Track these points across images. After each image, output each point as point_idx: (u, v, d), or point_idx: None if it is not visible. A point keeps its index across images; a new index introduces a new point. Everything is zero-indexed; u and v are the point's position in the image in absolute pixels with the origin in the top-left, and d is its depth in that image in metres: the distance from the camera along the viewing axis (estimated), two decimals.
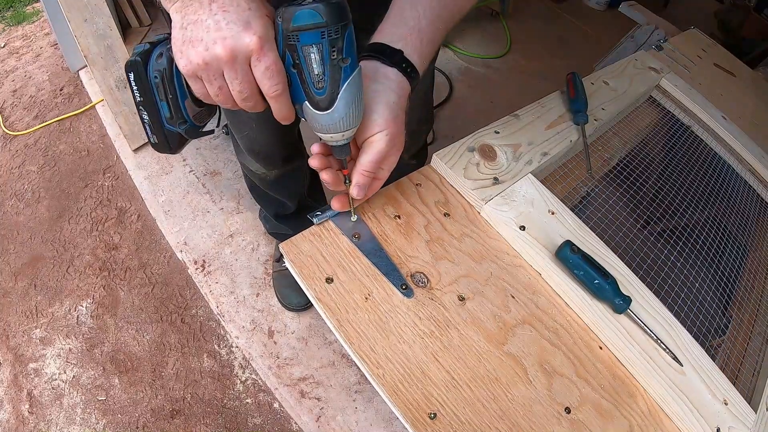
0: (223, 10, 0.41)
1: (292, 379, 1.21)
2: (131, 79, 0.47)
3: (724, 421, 0.53)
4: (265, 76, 0.43)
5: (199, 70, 0.43)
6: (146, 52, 0.47)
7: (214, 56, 0.42)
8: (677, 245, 0.75)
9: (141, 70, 0.47)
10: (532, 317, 0.55)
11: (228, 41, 0.41)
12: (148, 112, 0.49)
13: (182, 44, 0.43)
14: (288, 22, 0.40)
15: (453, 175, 0.63)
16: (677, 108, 0.99)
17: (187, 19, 0.42)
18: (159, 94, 0.48)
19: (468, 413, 0.45)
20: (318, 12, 0.39)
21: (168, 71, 0.47)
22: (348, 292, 0.50)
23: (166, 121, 0.50)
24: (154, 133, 0.50)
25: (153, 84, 0.47)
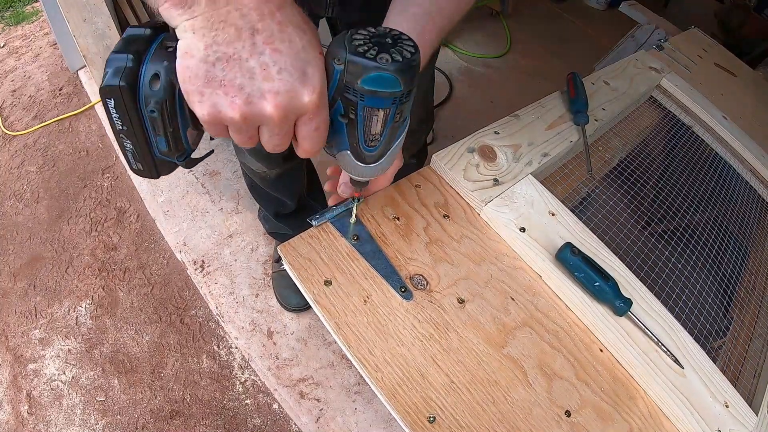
0: (273, 50, 0.31)
1: (291, 379, 1.21)
2: (111, 107, 0.34)
3: (725, 423, 0.53)
4: (314, 136, 0.36)
5: (230, 123, 0.33)
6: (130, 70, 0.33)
7: (258, 114, 0.32)
8: (678, 246, 0.75)
9: (127, 99, 0.34)
10: (532, 319, 0.54)
11: (281, 98, 0.32)
12: (134, 143, 0.37)
13: (205, 85, 0.31)
14: (355, 78, 0.33)
15: (452, 177, 0.63)
16: (678, 108, 0.99)
17: (216, 51, 0.31)
18: (155, 129, 0.36)
19: (467, 417, 0.45)
20: (398, 79, 0.33)
21: (170, 103, 0.35)
22: (347, 294, 0.50)
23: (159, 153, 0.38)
24: (138, 161, 0.39)
25: (146, 117, 0.35)
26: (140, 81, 0.34)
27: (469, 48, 2.30)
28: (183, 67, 0.31)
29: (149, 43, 0.34)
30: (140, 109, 0.35)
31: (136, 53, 0.33)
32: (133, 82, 0.33)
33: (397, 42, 0.35)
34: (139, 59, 0.33)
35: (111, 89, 0.33)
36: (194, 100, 0.32)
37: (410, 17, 0.50)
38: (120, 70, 0.33)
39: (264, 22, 0.31)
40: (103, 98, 0.34)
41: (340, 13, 0.74)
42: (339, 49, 0.34)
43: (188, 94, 0.32)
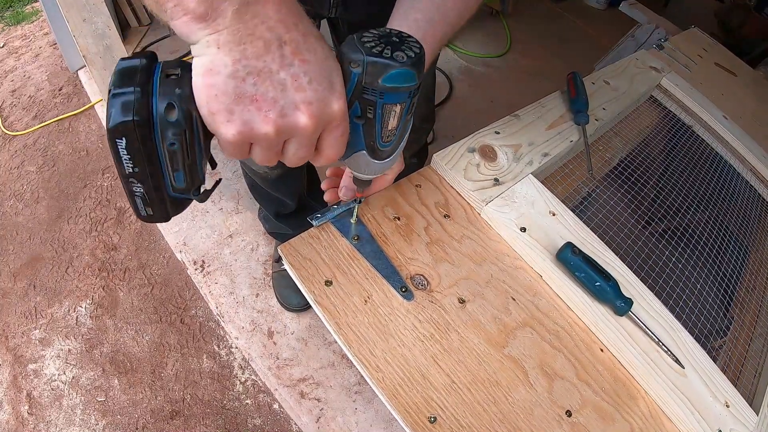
0: (302, 60, 0.31)
1: (291, 379, 1.21)
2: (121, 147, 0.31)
3: (726, 423, 0.53)
4: (337, 143, 0.36)
5: (262, 139, 0.32)
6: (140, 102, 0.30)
7: (292, 125, 0.32)
8: (678, 246, 0.74)
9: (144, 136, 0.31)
10: (532, 319, 0.54)
11: (315, 108, 0.32)
12: (146, 185, 0.34)
13: (234, 102, 0.30)
14: (375, 78, 0.34)
15: (453, 176, 0.63)
16: (678, 107, 0.99)
17: (246, 66, 0.29)
18: (173, 164, 0.33)
19: (468, 417, 0.45)
20: (414, 72, 0.34)
21: (189, 133, 0.32)
22: (347, 294, 0.50)
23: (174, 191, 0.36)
24: (149, 205, 0.35)
25: (164, 153, 0.32)
26: (153, 113, 0.31)
27: (470, 47, 2.29)
28: (207, 86, 0.30)
29: (149, 74, 0.31)
30: (156, 145, 0.32)
31: (140, 86, 0.30)
32: (147, 115, 0.31)
33: (403, 40, 0.36)
34: (145, 91, 0.31)
35: (123, 127, 0.30)
36: (221, 120, 0.31)
37: (412, 23, 0.50)
38: (129, 105, 0.30)
39: (290, 34, 0.31)
40: (112, 140, 0.31)
41: (343, 14, 0.74)
42: (353, 53, 0.34)
43: (214, 115, 0.31)
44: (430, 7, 0.51)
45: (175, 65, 0.32)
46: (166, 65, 0.32)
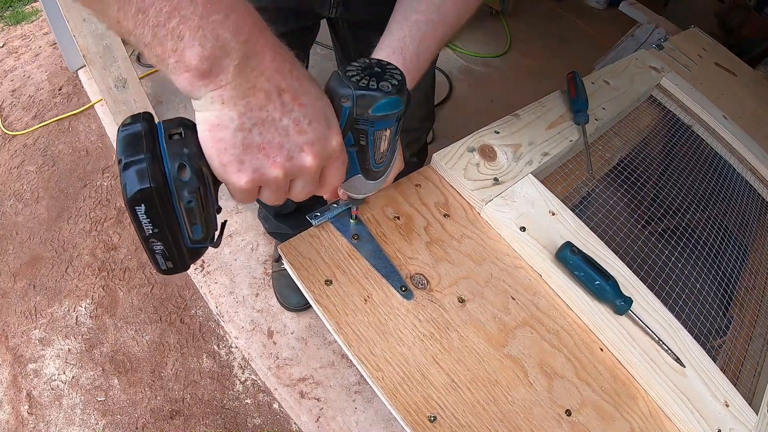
0: (300, 104, 0.32)
1: (291, 379, 1.21)
2: (141, 213, 0.32)
3: (725, 422, 0.53)
4: (338, 173, 0.38)
5: (272, 183, 0.34)
6: (153, 168, 0.31)
7: (299, 166, 0.34)
8: (678, 245, 0.75)
9: (160, 199, 0.32)
10: (532, 319, 0.54)
11: (317, 147, 0.34)
12: (165, 242, 0.35)
13: (244, 152, 0.31)
14: (365, 109, 0.37)
15: (453, 176, 0.63)
16: (678, 107, 0.99)
17: (251, 117, 0.31)
18: (191, 220, 0.35)
19: (468, 416, 0.45)
20: (401, 100, 0.37)
21: (203, 189, 0.33)
22: (347, 294, 0.50)
23: (192, 243, 0.37)
24: (168, 259, 0.37)
25: (182, 211, 0.34)
26: (167, 176, 0.32)
27: (469, 47, 2.29)
28: (216, 141, 0.31)
29: (154, 138, 0.32)
30: (174, 206, 0.33)
31: (150, 151, 0.31)
32: (161, 179, 0.31)
33: (384, 69, 0.38)
34: (155, 156, 0.31)
35: (141, 194, 0.31)
36: (232, 171, 0.32)
37: (412, 24, 0.51)
38: (143, 172, 0.31)
39: (287, 81, 0.32)
40: (132, 207, 0.32)
41: (344, 14, 0.74)
42: (342, 89, 0.36)
43: (226, 166, 0.32)
44: (430, 8, 0.51)
45: (176, 125, 0.33)
46: (167, 126, 0.33)
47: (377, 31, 0.52)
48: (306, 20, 0.75)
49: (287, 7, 0.70)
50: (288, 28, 0.72)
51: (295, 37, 0.75)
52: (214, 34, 0.28)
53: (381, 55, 0.51)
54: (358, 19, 0.77)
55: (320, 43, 1.98)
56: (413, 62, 0.51)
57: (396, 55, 0.50)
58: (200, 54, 0.28)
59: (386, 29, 0.52)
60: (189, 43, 0.28)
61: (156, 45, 0.28)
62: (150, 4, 0.27)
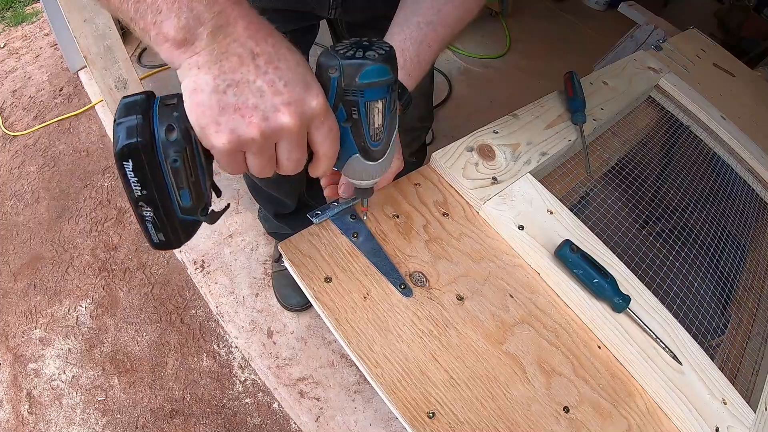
0: (275, 68, 0.33)
1: (291, 379, 1.21)
2: (129, 170, 0.34)
3: (723, 420, 0.53)
4: (329, 137, 0.38)
5: (251, 144, 0.34)
6: (142, 126, 0.33)
7: (277, 127, 0.34)
8: (676, 245, 0.75)
9: (149, 156, 0.34)
10: (530, 316, 0.55)
11: (294, 107, 0.34)
12: (155, 207, 0.36)
13: (220, 113, 0.33)
14: (352, 78, 0.37)
15: (452, 175, 0.63)
16: (676, 108, 0.99)
17: (225, 79, 0.32)
18: (178, 182, 0.35)
19: (466, 412, 0.45)
20: (387, 67, 0.37)
21: (189, 149, 0.34)
22: (347, 291, 0.50)
23: (182, 211, 0.38)
24: (160, 230, 0.37)
25: (168, 171, 0.35)
26: (156, 135, 0.34)
27: (469, 48, 2.30)
28: (195, 104, 0.33)
29: (149, 104, 0.35)
30: (160, 165, 0.34)
31: (142, 113, 0.34)
32: (149, 137, 0.33)
33: (372, 43, 0.38)
34: (147, 117, 0.34)
35: (129, 149, 0.33)
36: (211, 132, 0.33)
37: (414, 26, 0.51)
38: (132, 129, 0.33)
39: (261, 47, 0.33)
40: (119, 162, 0.33)
41: (343, 15, 0.74)
42: (329, 61, 0.37)
43: (204, 129, 0.33)
44: (431, 11, 0.52)
45: (171, 96, 0.35)
46: (164, 97, 0.35)
47: (376, 31, 0.53)
48: (305, 21, 0.75)
49: (287, 9, 0.70)
50: (287, 28, 0.72)
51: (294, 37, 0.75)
52: (188, 6, 0.31)
53: None
54: (356, 20, 0.77)
55: (320, 44, 1.98)
56: (414, 63, 0.52)
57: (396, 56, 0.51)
58: (176, 25, 0.31)
59: (388, 31, 0.53)
60: (166, 15, 0.31)
61: (139, 19, 0.31)
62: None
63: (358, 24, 0.78)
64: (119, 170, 0.34)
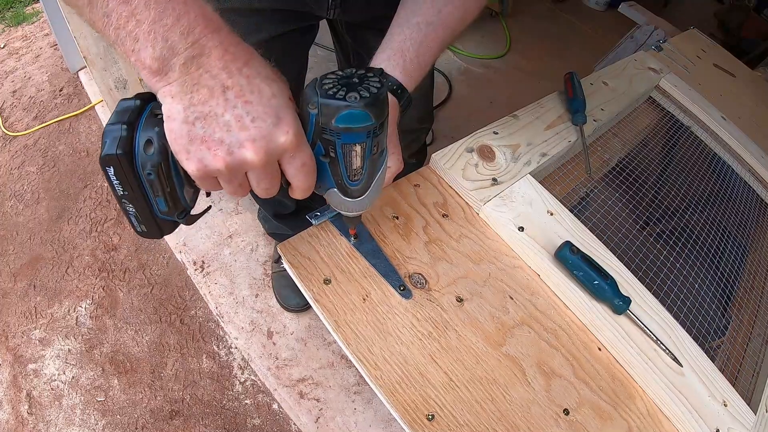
0: (245, 102, 0.33)
1: (291, 379, 1.21)
2: (111, 174, 0.36)
3: (724, 422, 0.53)
4: (301, 172, 0.38)
5: (218, 174, 0.36)
6: (125, 139, 0.35)
7: (240, 161, 0.34)
8: (676, 246, 0.75)
9: (126, 165, 0.36)
10: (530, 318, 0.55)
11: (259, 143, 0.34)
12: (136, 206, 0.39)
13: (189, 143, 0.34)
14: (329, 119, 0.36)
15: (452, 176, 0.63)
16: (677, 108, 0.99)
17: (194, 111, 0.33)
18: (154, 191, 0.38)
19: (466, 414, 0.45)
20: (368, 113, 0.35)
21: (164, 165, 0.37)
22: (346, 293, 0.50)
23: (160, 213, 0.40)
24: (142, 223, 0.41)
25: (145, 181, 0.37)
26: (135, 148, 0.36)
27: (469, 48, 2.30)
28: (168, 130, 0.34)
29: (140, 113, 0.36)
30: (138, 174, 0.37)
31: (129, 123, 0.35)
32: (129, 149, 0.35)
33: (363, 80, 0.37)
34: (132, 128, 0.36)
35: (109, 158, 0.35)
36: (183, 158, 0.35)
37: (413, 27, 0.51)
38: (116, 139, 0.35)
39: (233, 79, 0.33)
40: (103, 167, 0.36)
41: (342, 15, 0.74)
42: (311, 95, 0.36)
43: (177, 153, 0.35)
44: (431, 12, 0.52)
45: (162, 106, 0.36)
46: (156, 106, 0.36)
47: (375, 31, 0.53)
48: (305, 21, 0.75)
49: (286, 9, 0.70)
50: (287, 29, 0.72)
51: (294, 37, 0.75)
52: (164, 36, 0.31)
53: (382, 57, 0.51)
54: (356, 21, 0.77)
55: (320, 44, 1.98)
56: (414, 64, 0.52)
57: (396, 57, 0.51)
58: (152, 54, 0.31)
59: (388, 32, 0.53)
60: (143, 44, 0.31)
61: (119, 45, 0.32)
62: (112, 8, 0.30)
63: (358, 24, 0.78)
64: (103, 172, 0.37)
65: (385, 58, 0.51)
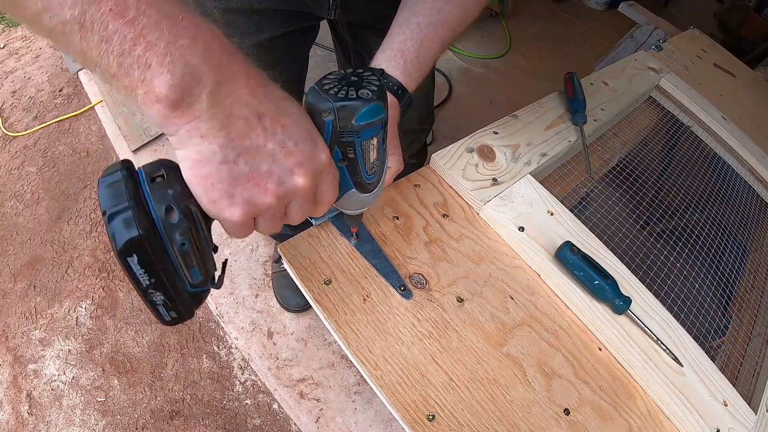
0: (282, 126, 0.31)
1: (291, 380, 1.21)
2: (134, 264, 0.30)
3: (724, 422, 0.53)
4: (332, 186, 0.37)
5: (266, 210, 0.32)
6: (140, 216, 0.29)
7: (292, 190, 0.32)
8: (677, 246, 0.75)
9: (153, 245, 0.30)
10: (531, 318, 0.55)
11: (306, 166, 0.32)
12: (165, 291, 0.33)
13: (232, 185, 0.30)
14: (348, 121, 0.35)
15: (452, 176, 0.63)
16: (677, 108, 0.99)
17: (234, 148, 0.29)
18: (186, 263, 0.33)
19: (466, 415, 0.45)
20: (381, 105, 0.36)
21: (194, 228, 0.32)
22: (346, 293, 0.50)
23: (192, 287, 0.35)
24: (172, 309, 0.35)
25: (176, 255, 0.32)
26: (155, 221, 0.30)
27: (469, 48, 2.30)
28: (201, 177, 0.30)
29: (136, 183, 0.31)
30: (166, 250, 0.31)
31: (133, 198, 0.30)
32: (150, 225, 0.30)
33: (361, 77, 0.37)
34: (139, 201, 0.30)
35: (133, 244, 0.29)
36: (224, 206, 0.31)
37: (414, 27, 0.51)
38: (130, 222, 0.29)
39: (263, 105, 0.30)
40: (123, 259, 0.30)
41: (342, 15, 0.74)
42: (321, 103, 0.35)
43: (215, 203, 0.30)
44: (431, 12, 0.52)
45: (156, 167, 0.32)
46: (148, 170, 0.32)
47: (376, 31, 0.53)
48: (305, 21, 0.75)
49: (286, 9, 0.70)
50: (287, 29, 0.72)
51: (294, 38, 0.75)
52: (183, 60, 0.26)
53: (382, 58, 0.51)
54: (356, 21, 0.77)
55: (320, 44, 1.98)
56: (414, 64, 0.52)
57: (397, 58, 0.51)
58: (170, 82, 0.26)
59: (388, 32, 0.53)
60: (157, 71, 0.26)
61: (123, 76, 0.26)
62: (113, 31, 0.25)
63: (359, 24, 0.78)
64: (124, 266, 0.30)
65: (385, 59, 0.51)
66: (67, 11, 0.24)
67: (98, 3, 0.24)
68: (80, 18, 0.24)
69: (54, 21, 0.25)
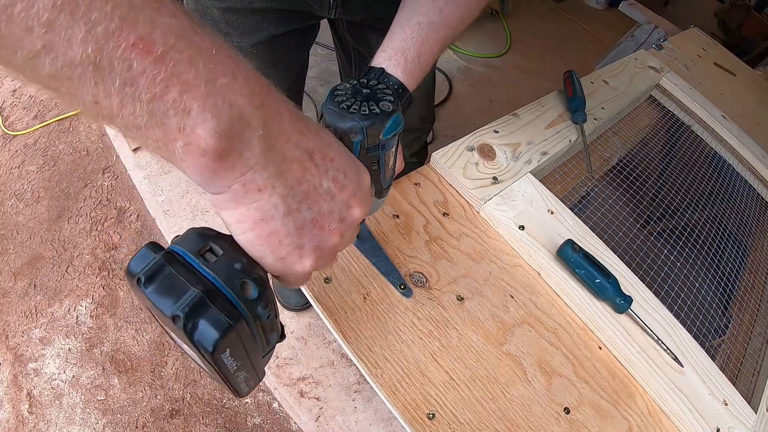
0: (330, 160, 0.29)
1: (291, 378, 1.21)
2: (227, 357, 0.26)
3: (724, 421, 0.53)
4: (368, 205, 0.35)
5: (331, 251, 0.31)
6: (223, 303, 0.25)
7: (352, 223, 0.31)
8: (677, 245, 0.75)
9: (243, 332, 0.26)
10: (531, 317, 0.55)
11: (359, 196, 0.31)
12: (248, 369, 0.30)
13: (299, 236, 0.27)
14: (376, 136, 0.35)
15: (452, 175, 0.63)
16: (677, 107, 0.99)
17: (295, 195, 0.26)
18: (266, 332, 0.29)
19: (466, 413, 0.45)
20: (401, 112, 0.36)
21: (270, 294, 0.28)
22: (346, 292, 0.50)
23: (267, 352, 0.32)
24: (251, 379, 0.31)
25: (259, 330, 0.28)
26: (236, 304, 0.26)
27: (469, 47, 2.30)
28: (266, 237, 0.26)
29: (189, 270, 0.26)
30: (252, 331, 0.27)
31: (200, 285, 0.25)
32: (232, 309, 0.25)
33: (373, 89, 0.36)
34: (209, 288, 0.25)
35: (226, 339, 0.25)
36: (294, 260, 0.28)
37: (414, 26, 0.51)
38: (217, 318, 0.24)
39: (311, 140, 0.28)
40: (217, 357, 0.25)
41: (343, 14, 0.74)
42: (346, 123, 0.34)
43: (285, 259, 0.28)
44: (432, 11, 0.52)
45: (198, 242, 0.27)
46: (189, 246, 0.26)
47: (376, 31, 0.53)
48: (305, 21, 0.75)
49: (286, 8, 0.70)
50: (287, 28, 0.72)
51: (294, 37, 0.75)
52: (227, 101, 0.22)
53: (383, 57, 0.51)
54: (357, 20, 0.77)
55: (320, 43, 1.98)
56: (415, 64, 0.52)
57: (398, 57, 0.50)
58: (216, 129, 0.22)
59: (389, 31, 0.53)
60: (199, 117, 0.21)
61: (154, 126, 0.21)
62: (140, 72, 0.20)
63: (359, 23, 0.78)
64: (215, 364, 0.26)
65: (386, 58, 0.51)
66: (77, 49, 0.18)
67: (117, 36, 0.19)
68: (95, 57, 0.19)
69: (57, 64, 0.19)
